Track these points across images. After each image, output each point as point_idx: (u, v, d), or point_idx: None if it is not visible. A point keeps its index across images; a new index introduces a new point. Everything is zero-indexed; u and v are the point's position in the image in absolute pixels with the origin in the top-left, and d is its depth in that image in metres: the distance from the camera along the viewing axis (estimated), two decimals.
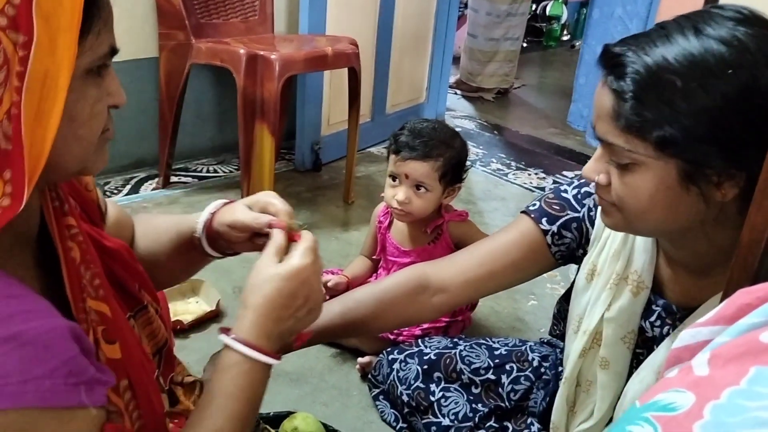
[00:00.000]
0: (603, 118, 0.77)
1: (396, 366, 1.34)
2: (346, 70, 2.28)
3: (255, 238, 0.78)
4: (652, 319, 0.92)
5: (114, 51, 0.59)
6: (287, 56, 2.02)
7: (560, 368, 1.18)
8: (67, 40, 0.51)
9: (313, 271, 0.72)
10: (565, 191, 1.02)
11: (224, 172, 2.57)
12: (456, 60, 3.94)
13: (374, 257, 1.70)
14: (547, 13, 5.79)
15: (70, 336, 0.52)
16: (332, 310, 0.99)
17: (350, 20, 2.58)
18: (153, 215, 0.94)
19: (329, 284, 1.55)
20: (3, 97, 0.49)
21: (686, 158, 0.72)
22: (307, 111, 2.53)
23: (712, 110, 0.69)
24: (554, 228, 1.00)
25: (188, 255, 0.84)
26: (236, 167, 2.56)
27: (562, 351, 1.15)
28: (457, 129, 1.66)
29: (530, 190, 2.69)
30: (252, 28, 2.38)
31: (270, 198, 0.79)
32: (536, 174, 2.88)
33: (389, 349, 1.41)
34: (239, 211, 0.78)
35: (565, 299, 1.10)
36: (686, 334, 0.45)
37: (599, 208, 0.86)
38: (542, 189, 2.69)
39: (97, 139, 0.60)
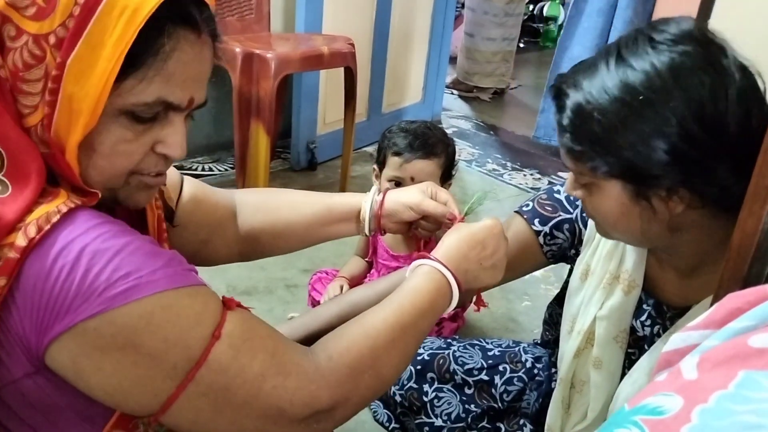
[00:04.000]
0: (560, 143, 0.82)
1: None
2: (342, 69, 2.28)
3: (419, 221, 0.91)
4: (643, 318, 0.93)
5: (171, 106, 0.59)
6: (283, 55, 2.01)
7: (553, 370, 1.18)
8: (100, 73, 0.54)
9: (501, 235, 0.82)
10: (558, 192, 1.03)
11: (219, 170, 2.57)
12: (453, 60, 3.94)
13: (367, 259, 1.70)
14: (545, 13, 5.80)
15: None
16: (330, 311, 0.98)
17: (347, 19, 2.58)
18: (274, 190, 1.02)
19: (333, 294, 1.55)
20: (38, 106, 0.55)
21: (624, 180, 0.76)
22: (303, 110, 2.53)
23: (633, 142, 0.72)
24: (546, 229, 1.00)
25: (330, 228, 0.94)
26: (231, 166, 2.56)
27: (554, 354, 1.15)
28: (453, 129, 1.67)
29: (526, 190, 2.70)
30: (248, 26, 2.38)
31: (437, 188, 0.92)
32: (532, 175, 2.88)
33: None
34: (420, 197, 0.90)
35: (557, 303, 1.10)
36: (677, 338, 0.45)
37: None
38: (538, 190, 2.69)
39: (125, 176, 0.61)
